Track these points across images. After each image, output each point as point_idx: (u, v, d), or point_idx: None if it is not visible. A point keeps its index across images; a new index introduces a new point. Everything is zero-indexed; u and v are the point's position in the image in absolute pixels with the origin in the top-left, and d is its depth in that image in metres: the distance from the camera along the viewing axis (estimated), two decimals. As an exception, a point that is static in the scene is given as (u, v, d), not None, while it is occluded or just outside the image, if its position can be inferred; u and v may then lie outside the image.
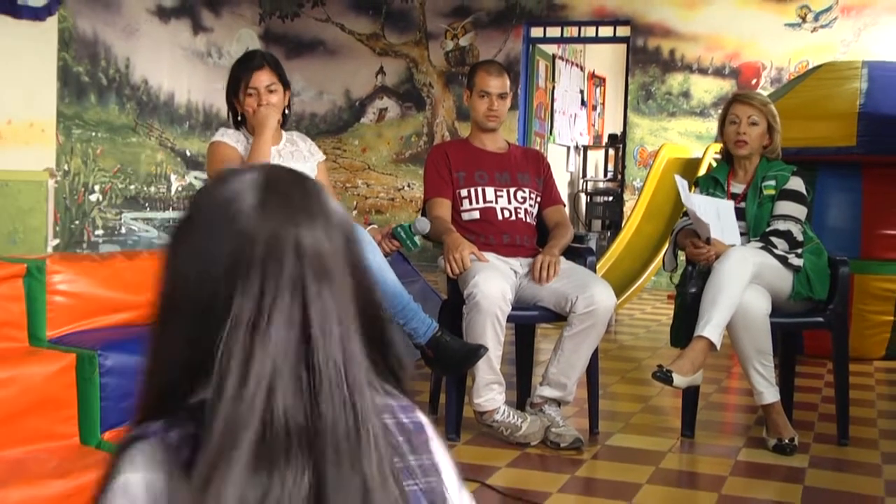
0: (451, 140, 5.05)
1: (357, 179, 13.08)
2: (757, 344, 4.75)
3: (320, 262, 1.34)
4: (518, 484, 4.25)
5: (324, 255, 1.35)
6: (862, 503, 4.12)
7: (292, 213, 1.34)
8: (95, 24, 10.87)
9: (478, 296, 4.65)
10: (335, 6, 13.31)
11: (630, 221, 10.60)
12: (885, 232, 7.06)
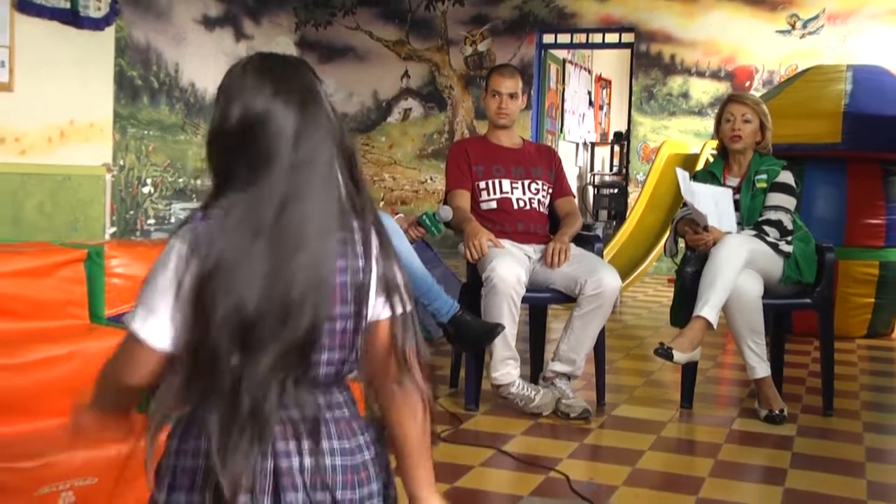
0: (470, 137, 5.05)
1: (384, 173, 13.07)
2: (750, 323, 4.76)
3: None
4: (531, 451, 4.26)
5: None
6: (845, 468, 4.11)
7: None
8: (148, 33, 10.88)
9: (495, 279, 4.67)
10: (364, 15, 13.29)
11: (634, 212, 10.58)
12: (866, 221, 7.06)
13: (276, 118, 1.73)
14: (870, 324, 7.29)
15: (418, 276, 4.44)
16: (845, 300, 6.75)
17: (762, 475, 4.06)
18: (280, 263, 1.67)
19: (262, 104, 1.71)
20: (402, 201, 12.93)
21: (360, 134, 12.97)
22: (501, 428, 4.61)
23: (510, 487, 3.82)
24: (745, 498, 3.76)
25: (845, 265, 6.47)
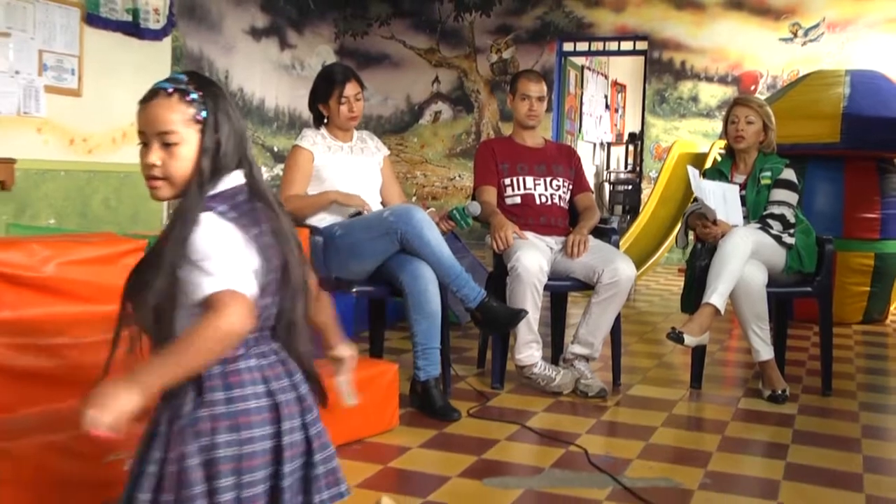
0: (496, 137, 5.06)
1: (416, 171, 13.09)
2: (755, 310, 4.76)
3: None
4: (552, 426, 4.27)
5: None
6: (842, 444, 4.10)
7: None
8: (201, 43, 10.93)
9: (519, 268, 4.70)
10: (398, 26, 13.31)
11: (647, 206, 10.55)
12: (863, 215, 7.06)
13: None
14: (865, 311, 7.29)
15: (448, 264, 4.43)
16: (843, 289, 6.75)
17: (765, 450, 4.05)
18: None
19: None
20: (432, 196, 12.95)
21: (394, 135, 13.00)
22: (525, 405, 4.62)
23: (533, 460, 3.83)
24: (749, 471, 3.77)
25: (843, 256, 6.45)
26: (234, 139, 2.12)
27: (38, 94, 8.54)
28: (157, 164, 2.06)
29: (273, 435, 2.04)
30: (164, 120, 2.05)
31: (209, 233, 2.03)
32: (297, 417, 2.10)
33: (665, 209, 10.29)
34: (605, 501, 3.32)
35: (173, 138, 2.05)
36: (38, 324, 3.37)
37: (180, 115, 2.06)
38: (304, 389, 2.15)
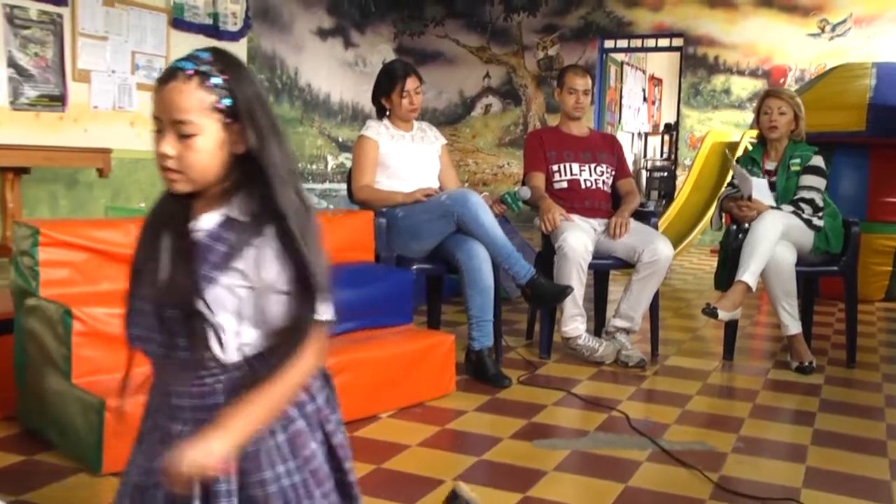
0: (544, 127, 5.06)
1: (468, 159, 13.10)
2: (784, 287, 4.74)
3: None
4: (595, 393, 4.27)
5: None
6: (866, 413, 4.08)
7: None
8: (274, 43, 10.99)
9: (565, 248, 4.70)
10: (452, 25, 13.29)
11: (681, 192, 10.50)
12: (886, 200, 6.98)
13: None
14: (887, 289, 7.21)
15: (501, 244, 4.45)
16: (866, 268, 6.66)
17: (794, 417, 4.02)
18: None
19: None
20: (483, 182, 12.95)
21: (448, 126, 13.00)
22: (570, 374, 4.63)
23: (578, 424, 3.83)
24: (779, 436, 3.74)
25: (867, 238, 6.37)
26: (265, 130, 1.75)
27: (131, 91, 8.65)
28: (170, 154, 1.71)
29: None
30: (179, 107, 1.69)
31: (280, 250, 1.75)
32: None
33: (698, 194, 10.23)
34: (644, 462, 3.32)
35: (189, 129, 1.70)
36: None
37: (198, 103, 1.70)
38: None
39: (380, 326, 4.17)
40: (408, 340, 4.08)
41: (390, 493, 2.95)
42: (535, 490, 3.02)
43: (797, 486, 3.12)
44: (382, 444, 3.45)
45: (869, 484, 3.17)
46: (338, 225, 4.39)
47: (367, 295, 4.14)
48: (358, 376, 3.71)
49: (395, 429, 3.66)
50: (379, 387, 3.82)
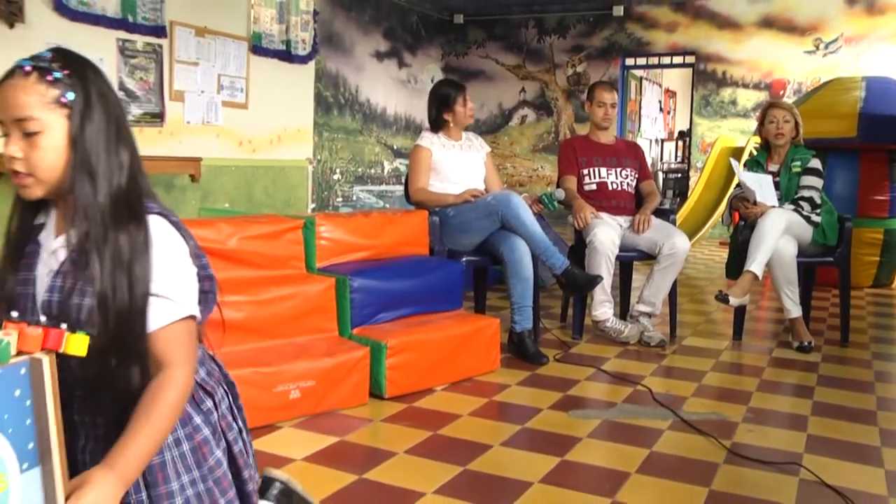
0: (576, 136, 5.04)
1: (506, 163, 13.06)
2: (787, 276, 4.71)
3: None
4: (621, 370, 4.28)
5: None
6: (858, 386, 4.05)
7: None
8: (337, 65, 11.04)
9: (595, 242, 4.70)
10: (492, 47, 13.27)
11: (694, 192, 10.43)
12: (874, 198, 6.93)
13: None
14: (875, 277, 7.13)
15: (539, 239, 4.45)
16: (857, 258, 6.59)
17: (795, 391, 4.00)
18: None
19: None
20: (519, 184, 12.93)
21: (489, 134, 12.97)
22: (599, 352, 4.63)
23: (607, 396, 3.84)
24: (783, 407, 3.73)
25: (857, 231, 6.30)
26: (112, 124, 1.56)
27: (217, 108, 8.72)
28: (17, 156, 1.48)
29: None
30: (19, 104, 1.47)
31: (161, 244, 1.55)
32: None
33: (709, 194, 10.17)
34: (666, 431, 3.33)
35: (33, 126, 1.47)
36: (225, 285, 3.49)
37: (39, 98, 1.48)
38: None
39: (434, 311, 4.19)
40: (458, 324, 4.08)
41: (446, 456, 2.98)
42: (571, 454, 3.03)
43: (800, 451, 3.11)
44: (438, 414, 3.49)
45: (862, 449, 3.16)
46: (398, 223, 4.42)
47: (422, 284, 4.17)
48: (416, 355, 3.75)
49: (448, 400, 3.69)
50: (434, 364, 3.84)
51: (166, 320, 1.51)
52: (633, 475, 2.84)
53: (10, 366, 1.25)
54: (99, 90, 1.55)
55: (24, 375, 1.28)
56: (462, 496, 2.63)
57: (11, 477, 1.26)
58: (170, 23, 8.07)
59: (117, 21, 7.52)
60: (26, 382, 1.28)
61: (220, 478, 1.66)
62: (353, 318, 3.82)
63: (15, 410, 1.26)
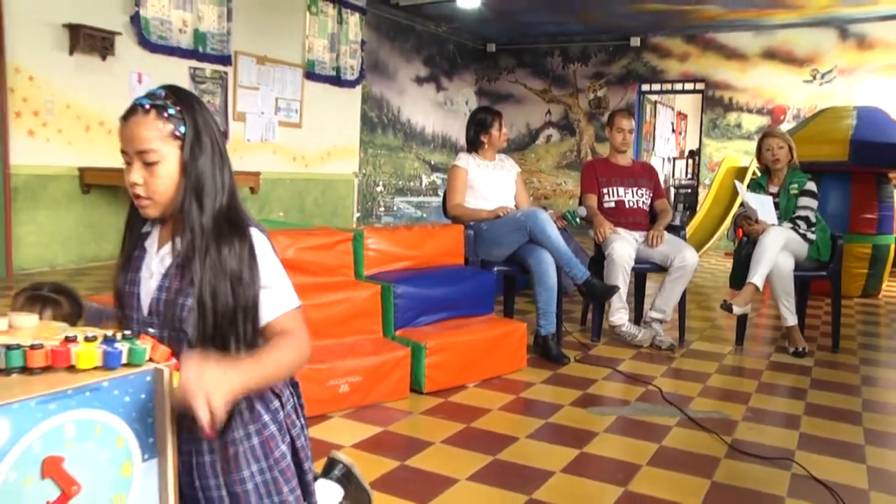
0: (597, 158, 5.05)
1: (533, 178, 13.11)
2: (785, 288, 4.72)
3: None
4: (635, 371, 4.29)
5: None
6: (847, 389, 4.06)
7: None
8: (381, 88, 11.14)
9: (614, 255, 4.72)
10: (521, 73, 13.32)
11: (702, 206, 10.42)
12: (864, 216, 6.91)
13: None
14: (864, 288, 7.11)
15: (563, 252, 4.47)
16: (847, 271, 6.58)
17: (790, 392, 4.00)
18: None
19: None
20: (544, 197, 12.97)
21: (517, 152, 13.02)
22: (615, 354, 4.64)
23: (622, 395, 3.85)
24: (778, 407, 3.73)
25: (848, 246, 6.32)
26: (216, 150, 1.63)
27: (274, 127, 8.85)
28: (139, 182, 1.57)
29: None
30: (141, 138, 1.56)
31: (267, 251, 1.65)
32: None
33: (717, 208, 10.16)
34: (674, 427, 3.35)
35: (152, 157, 1.56)
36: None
37: (157, 132, 1.56)
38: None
39: (468, 316, 4.19)
40: (489, 327, 4.09)
41: (478, 446, 3.01)
42: (589, 447, 3.06)
43: (793, 447, 3.13)
44: (470, 408, 3.51)
45: (848, 447, 3.18)
46: (436, 236, 4.42)
47: (458, 291, 4.17)
48: (451, 355, 3.77)
49: (479, 396, 3.71)
50: (467, 363, 3.86)
51: (284, 309, 1.61)
52: (643, 467, 2.87)
53: (139, 373, 1.36)
54: (204, 121, 1.62)
55: (150, 382, 1.38)
56: (492, 482, 2.67)
57: (135, 464, 1.37)
58: (234, 52, 8.23)
59: (190, 52, 7.69)
60: (150, 388, 1.39)
61: (284, 468, 1.73)
62: (397, 321, 3.84)
63: (140, 410, 1.37)
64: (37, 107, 6.50)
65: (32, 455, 1.22)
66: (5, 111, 6.11)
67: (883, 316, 6.37)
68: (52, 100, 6.59)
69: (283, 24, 8.97)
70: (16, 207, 6.36)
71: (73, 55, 6.69)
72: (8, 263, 6.17)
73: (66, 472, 1.27)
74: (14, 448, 1.20)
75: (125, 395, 1.35)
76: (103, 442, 1.32)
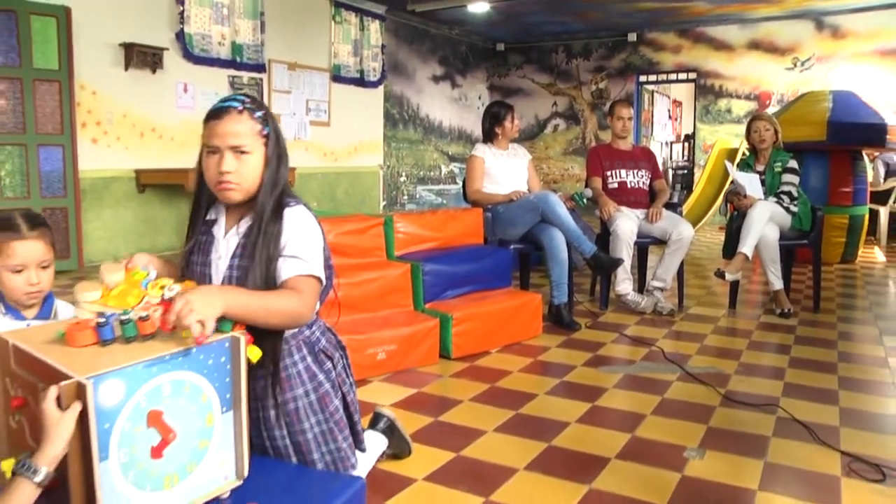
0: (600, 144, 5.09)
1: (542, 164, 13.10)
2: (771, 256, 4.78)
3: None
4: (640, 334, 4.35)
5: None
6: (826, 344, 4.12)
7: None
8: (402, 88, 11.17)
9: (618, 231, 4.79)
10: (528, 69, 13.29)
11: (698, 185, 10.41)
12: (841, 190, 6.97)
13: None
14: (842, 255, 7.17)
15: (572, 230, 4.51)
16: (827, 240, 6.68)
17: (777, 349, 4.06)
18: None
19: None
20: (553, 181, 12.96)
21: (527, 141, 13.02)
22: (621, 321, 4.70)
23: (628, 355, 3.91)
24: (767, 362, 3.79)
25: (828, 217, 6.37)
26: (284, 150, 1.75)
27: (306, 126, 8.95)
28: (231, 171, 1.66)
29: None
30: (238, 133, 1.66)
31: (303, 223, 1.73)
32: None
33: (710, 187, 10.15)
34: (675, 382, 3.43)
35: (246, 149, 1.67)
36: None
37: (250, 129, 1.68)
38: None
39: (488, 289, 4.25)
40: (508, 298, 4.14)
41: (502, 403, 3.10)
42: (600, 401, 3.15)
43: (778, 395, 3.22)
44: (494, 370, 3.59)
45: (825, 393, 3.27)
46: (458, 219, 4.48)
47: (479, 267, 4.23)
48: (475, 324, 3.85)
49: (501, 360, 3.79)
50: (490, 331, 3.93)
51: (297, 272, 1.66)
52: (648, 416, 2.96)
53: (219, 340, 1.49)
54: (275, 125, 1.75)
55: (227, 348, 1.52)
56: (516, 433, 2.77)
57: (216, 416, 1.51)
58: (268, 61, 8.32)
59: (228, 62, 7.80)
60: (228, 352, 1.52)
61: (338, 420, 1.85)
62: (425, 296, 3.91)
63: (220, 371, 1.51)
64: (98, 117, 6.65)
65: (140, 409, 1.37)
66: (74, 123, 6.27)
67: (859, 279, 6.41)
68: (111, 111, 6.74)
69: (311, 33, 9.06)
70: (84, 207, 6.53)
71: (128, 70, 6.83)
72: (79, 256, 6.35)
73: (164, 423, 1.41)
74: (127, 403, 1.34)
75: (208, 359, 1.49)
76: (191, 398, 1.46)
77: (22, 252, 1.82)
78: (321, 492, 1.63)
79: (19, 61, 5.92)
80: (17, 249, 1.82)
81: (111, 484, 1.32)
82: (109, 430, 1.31)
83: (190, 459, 1.47)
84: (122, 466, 1.34)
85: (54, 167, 6.19)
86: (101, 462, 1.29)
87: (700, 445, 2.66)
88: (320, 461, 1.82)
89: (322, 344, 1.87)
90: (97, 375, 1.29)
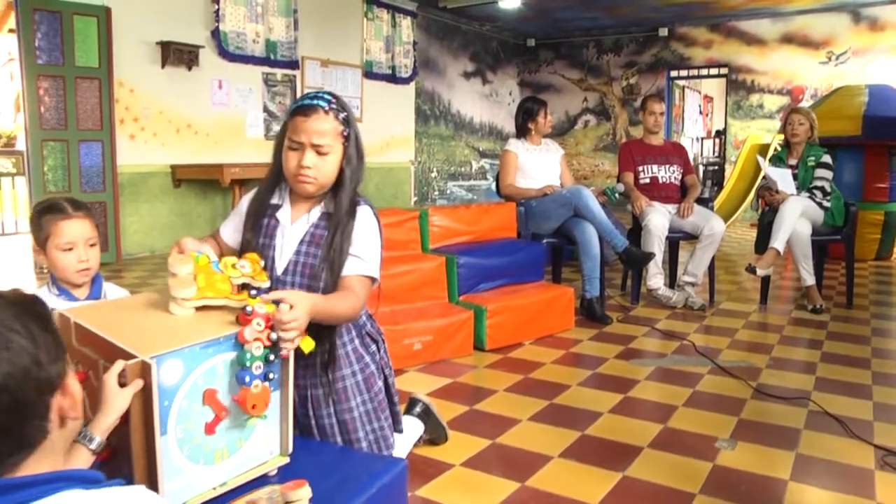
0: (632, 140, 5.06)
1: (572, 161, 13.10)
2: (803, 252, 4.77)
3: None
4: (671, 328, 4.36)
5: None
6: (859, 340, 4.10)
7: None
8: (433, 83, 11.24)
9: (650, 225, 4.78)
10: (559, 64, 13.30)
11: (729, 181, 10.36)
12: (876, 185, 6.86)
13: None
14: (877, 251, 7.08)
15: (605, 224, 4.52)
16: (861, 236, 6.60)
17: (809, 344, 4.04)
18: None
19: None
20: (584, 177, 12.96)
21: (558, 137, 13.02)
22: (653, 315, 4.71)
23: (659, 348, 3.93)
24: (798, 357, 3.78)
25: (862, 213, 6.29)
26: (362, 150, 1.82)
27: (339, 122, 9.04)
28: (310, 166, 1.74)
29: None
30: (323, 132, 1.73)
31: (371, 225, 1.82)
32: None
33: (742, 183, 10.09)
34: (706, 375, 3.44)
35: (327, 148, 1.74)
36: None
37: (333, 129, 1.74)
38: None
39: (521, 282, 4.28)
40: (541, 292, 4.17)
41: (535, 393, 3.15)
42: (632, 392, 3.19)
43: (809, 389, 3.23)
44: (528, 362, 3.63)
45: (858, 387, 3.26)
46: (492, 213, 4.51)
47: (512, 261, 4.27)
48: (509, 316, 3.88)
49: (535, 352, 3.82)
50: (523, 323, 3.97)
51: (357, 272, 1.76)
52: (679, 408, 2.98)
53: None
54: (355, 127, 1.81)
55: (276, 330, 1.59)
56: (549, 422, 2.82)
57: (270, 394, 1.58)
58: (301, 58, 8.42)
59: (262, 59, 7.91)
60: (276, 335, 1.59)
61: (381, 400, 1.94)
62: (460, 288, 3.95)
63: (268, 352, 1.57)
64: (136, 114, 6.79)
65: (197, 387, 1.44)
66: (113, 119, 6.41)
67: (894, 276, 6.36)
68: (147, 107, 6.88)
69: (343, 30, 9.14)
70: (122, 201, 6.67)
71: (165, 68, 6.96)
72: (118, 249, 6.49)
73: (218, 401, 1.48)
74: (185, 382, 1.41)
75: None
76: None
77: (70, 230, 1.92)
78: (365, 472, 1.69)
79: (62, 60, 6.07)
80: (65, 228, 1.92)
81: (169, 457, 1.39)
82: (168, 407, 1.38)
83: (239, 436, 1.55)
84: (179, 441, 1.41)
85: (94, 162, 6.34)
86: (161, 437, 1.37)
87: (731, 436, 2.68)
88: (364, 440, 1.90)
89: (368, 328, 1.96)
90: (160, 355, 1.36)
